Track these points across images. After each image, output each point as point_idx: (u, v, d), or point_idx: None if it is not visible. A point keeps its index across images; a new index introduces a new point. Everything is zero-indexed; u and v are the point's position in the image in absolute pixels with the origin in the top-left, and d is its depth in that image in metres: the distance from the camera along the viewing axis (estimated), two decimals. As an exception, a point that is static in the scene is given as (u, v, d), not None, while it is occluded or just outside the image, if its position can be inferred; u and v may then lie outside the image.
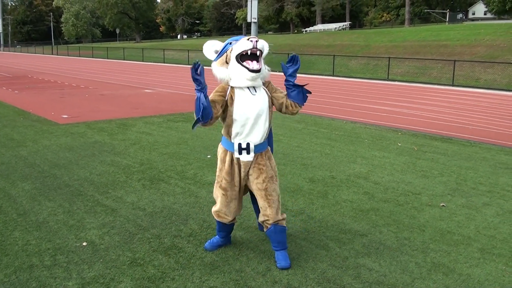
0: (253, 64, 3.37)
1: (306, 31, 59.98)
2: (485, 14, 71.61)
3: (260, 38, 3.49)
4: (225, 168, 3.63)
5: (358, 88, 20.10)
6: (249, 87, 3.47)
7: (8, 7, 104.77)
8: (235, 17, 73.05)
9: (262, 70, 3.42)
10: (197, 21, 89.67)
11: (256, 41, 3.35)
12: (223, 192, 3.69)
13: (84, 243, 3.97)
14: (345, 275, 3.52)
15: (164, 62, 39.46)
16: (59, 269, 3.53)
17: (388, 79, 25.19)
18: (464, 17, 61.90)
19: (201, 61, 3.37)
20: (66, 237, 4.10)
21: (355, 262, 3.73)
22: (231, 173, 3.63)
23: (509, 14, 57.30)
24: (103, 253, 3.81)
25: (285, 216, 3.74)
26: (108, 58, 46.12)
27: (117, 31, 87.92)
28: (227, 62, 3.47)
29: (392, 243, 4.12)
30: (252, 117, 3.46)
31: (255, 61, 3.38)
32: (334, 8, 63.30)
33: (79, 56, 50.70)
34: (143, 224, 4.42)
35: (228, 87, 3.49)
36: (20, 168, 6.26)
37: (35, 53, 61.78)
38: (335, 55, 29.77)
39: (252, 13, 30.06)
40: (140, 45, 60.46)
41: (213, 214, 3.83)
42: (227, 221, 3.78)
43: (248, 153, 3.55)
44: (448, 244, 4.13)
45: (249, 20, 31.20)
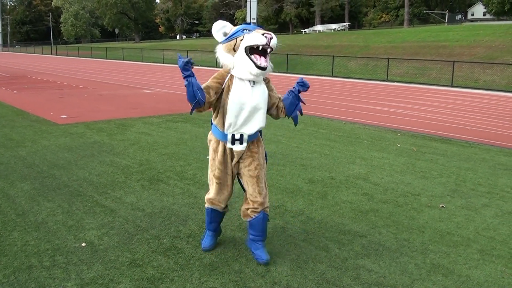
0: (261, 61, 3.31)
1: (305, 31, 59.99)
2: (484, 15, 71.65)
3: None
4: (217, 157, 3.61)
5: (357, 88, 20.11)
6: (249, 80, 3.43)
7: (7, 7, 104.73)
8: (234, 17, 73.04)
9: (268, 69, 3.39)
10: (196, 22, 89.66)
11: (271, 38, 3.28)
12: (216, 181, 3.68)
13: (83, 244, 3.96)
14: (344, 276, 3.52)
15: (163, 63, 39.46)
16: (58, 270, 3.52)
17: (387, 80, 25.21)
18: (463, 18, 62.02)
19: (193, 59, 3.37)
20: (65, 237, 4.09)
21: (354, 263, 3.73)
22: (223, 162, 3.62)
23: (508, 15, 57.35)
24: (102, 253, 3.80)
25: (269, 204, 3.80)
26: (107, 58, 46.12)
27: (116, 31, 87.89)
28: (234, 50, 3.38)
29: (391, 244, 4.12)
30: (247, 109, 3.41)
31: (263, 58, 3.32)
32: (333, 8, 63.38)
33: (78, 56, 50.69)
34: (142, 225, 4.41)
35: (228, 75, 3.44)
36: (19, 168, 6.25)
37: (34, 53, 61.75)
38: (334, 56, 29.80)
39: (251, 13, 30.06)
40: (139, 45, 60.45)
41: (205, 202, 3.81)
42: (221, 208, 3.77)
43: (241, 143, 3.53)
44: (448, 245, 4.12)
45: (248, 21, 31.19)
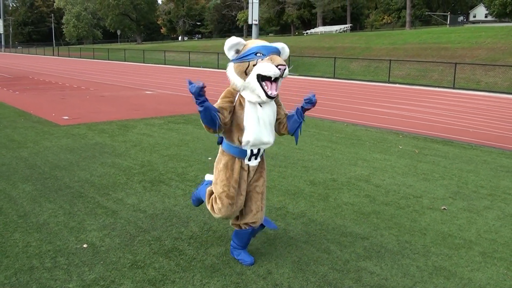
0: (272, 90, 3.27)
1: (307, 33, 60.01)
2: (486, 17, 71.61)
3: (261, 40, 3.45)
4: (233, 176, 3.48)
5: (359, 90, 20.10)
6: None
7: (9, 8, 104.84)
8: (236, 19, 73.13)
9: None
10: (198, 23, 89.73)
11: (284, 69, 3.23)
12: (229, 202, 3.49)
13: (85, 245, 3.96)
14: (346, 279, 3.51)
15: (165, 64, 39.49)
16: (59, 271, 3.52)
17: (389, 82, 25.20)
18: (465, 20, 61.95)
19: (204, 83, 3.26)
20: (66, 239, 4.09)
21: (356, 266, 3.72)
22: (239, 181, 3.51)
23: (510, 17, 57.30)
24: (104, 255, 3.80)
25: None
26: (109, 60, 46.18)
27: (118, 32, 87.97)
28: (246, 73, 3.28)
29: (393, 246, 4.11)
30: (263, 124, 3.41)
31: (274, 85, 3.29)
32: (335, 10, 63.39)
33: (80, 58, 50.75)
34: (143, 226, 4.41)
35: (237, 93, 3.39)
36: (20, 170, 6.26)
37: (36, 54, 61.84)
38: (336, 58, 29.80)
39: (253, 15, 30.06)
40: (141, 47, 60.52)
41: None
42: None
43: (256, 158, 3.56)
44: (449, 248, 4.12)
45: (250, 22, 31.21)
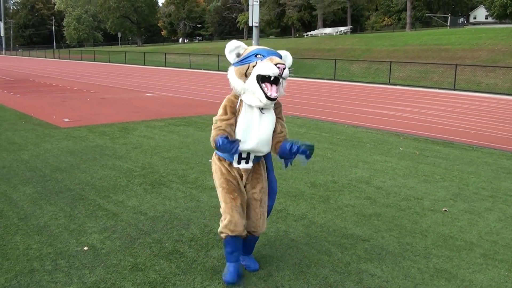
0: (272, 91, 3.19)
1: (307, 35, 60.06)
2: (486, 18, 71.68)
3: (262, 42, 3.44)
4: (225, 172, 3.44)
5: (359, 92, 20.11)
6: (259, 107, 3.32)
7: (10, 11, 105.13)
8: (236, 21, 73.27)
9: (280, 93, 3.27)
10: (198, 25, 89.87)
11: (284, 68, 3.16)
12: (231, 196, 3.38)
13: (85, 248, 3.96)
14: (347, 281, 3.51)
15: (166, 66, 39.52)
16: (60, 274, 3.51)
17: (390, 83, 25.20)
18: (465, 21, 62.00)
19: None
20: (67, 241, 4.09)
21: (357, 268, 3.72)
22: (233, 175, 3.46)
23: (510, 18, 57.33)
24: (104, 257, 3.79)
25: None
26: (109, 62, 46.24)
27: (119, 35, 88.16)
28: (246, 76, 3.24)
29: (394, 248, 4.10)
30: (255, 132, 3.31)
31: (274, 87, 3.20)
32: (336, 12, 63.49)
33: (81, 60, 50.82)
34: (144, 229, 4.40)
35: (238, 101, 3.33)
36: (21, 172, 6.26)
37: (37, 57, 61.93)
38: (336, 59, 29.81)
39: (254, 17, 30.05)
40: (141, 49, 60.60)
41: (223, 233, 3.39)
42: (242, 229, 3.37)
43: (247, 162, 3.42)
44: (451, 250, 4.11)
45: (250, 24, 31.18)
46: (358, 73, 30.63)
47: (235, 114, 3.31)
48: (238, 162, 3.42)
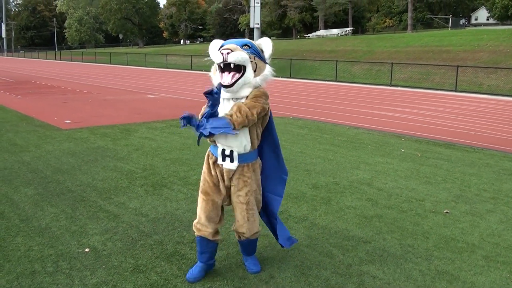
0: (224, 78, 3.18)
1: (308, 36, 60.08)
2: (487, 19, 71.65)
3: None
4: (207, 170, 3.47)
5: (361, 93, 20.10)
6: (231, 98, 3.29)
7: (12, 12, 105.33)
8: (237, 22, 73.30)
9: (241, 82, 3.19)
10: (200, 27, 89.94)
11: (228, 53, 3.12)
12: (203, 197, 3.45)
13: (87, 249, 3.96)
14: (348, 283, 3.50)
15: (167, 68, 39.56)
16: (61, 276, 3.51)
17: (391, 85, 25.18)
18: (466, 23, 61.96)
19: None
20: (68, 243, 4.09)
21: (358, 270, 3.71)
22: (212, 176, 3.44)
23: (511, 19, 57.29)
24: (106, 259, 3.79)
25: (261, 229, 3.62)
26: (111, 63, 46.29)
27: (120, 36, 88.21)
28: (217, 70, 3.31)
29: (396, 250, 4.10)
30: None
31: (231, 74, 3.17)
32: (337, 13, 63.48)
33: (82, 61, 50.87)
34: (145, 230, 4.40)
35: None
36: (23, 173, 6.26)
37: (39, 58, 62.01)
38: (337, 61, 29.82)
39: (255, 18, 30.11)
40: (143, 51, 60.66)
41: (193, 229, 3.53)
42: (207, 233, 3.43)
43: (232, 161, 3.34)
44: (452, 252, 4.10)
45: (251, 26, 31.25)
46: (359, 74, 30.62)
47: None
48: (223, 159, 3.37)
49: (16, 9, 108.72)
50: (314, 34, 60.64)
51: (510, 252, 4.13)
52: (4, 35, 78.53)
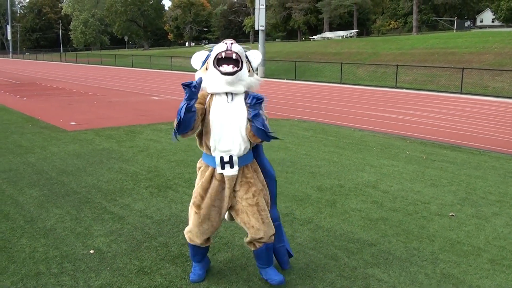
0: (225, 68, 3.20)
1: (313, 38, 60.08)
2: (493, 21, 71.38)
3: (268, 46, 3.44)
4: (202, 183, 3.37)
5: (366, 95, 20.06)
6: (227, 94, 3.26)
7: (17, 14, 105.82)
8: (242, 24, 73.44)
9: (240, 74, 3.21)
10: (205, 29, 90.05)
11: (231, 43, 3.21)
12: (195, 210, 3.39)
13: (91, 251, 3.96)
14: (354, 286, 3.49)
15: (172, 70, 39.62)
16: (66, 277, 3.52)
17: (396, 87, 25.13)
18: (472, 25, 61.84)
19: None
20: (73, 244, 4.10)
21: (364, 273, 3.69)
22: (207, 189, 3.36)
23: (517, 22, 57.13)
24: (110, 261, 3.79)
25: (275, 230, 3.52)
26: (116, 65, 46.40)
27: (126, 38, 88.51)
28: (207, 69, 3.31)
29: (401, 253, 4.08)
30: (226, 125, 3.23)
31: (229, 65, 3.20)
32: (342, 15, 63.38)
33: (88, 63, 51.04)
34: (150, 232, 4.40)
35: (208, 95, 3.32)
36: (28, 175, 6.28)
37: (44, 60, 62.25)
38: (342, 63, 29.78)
39: (260, 21, 30.16)
40: (148, 53, 60.77)
41: (185, 236, 3.53)
42: (199, 242, 3.43)
43: (232, 166, 3.28)
44: (458, 255, 4.08)
45: (256, 28, 31.31)
46: (364, 76, 30.57)
47: (204, 105, 3.30)
48: (222, 167, 3.29)
49: (22, 11, 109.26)
50: (319, 36, 60.64)
51: (516, 255, 4.10)
52: (9, 37, 78.84)
